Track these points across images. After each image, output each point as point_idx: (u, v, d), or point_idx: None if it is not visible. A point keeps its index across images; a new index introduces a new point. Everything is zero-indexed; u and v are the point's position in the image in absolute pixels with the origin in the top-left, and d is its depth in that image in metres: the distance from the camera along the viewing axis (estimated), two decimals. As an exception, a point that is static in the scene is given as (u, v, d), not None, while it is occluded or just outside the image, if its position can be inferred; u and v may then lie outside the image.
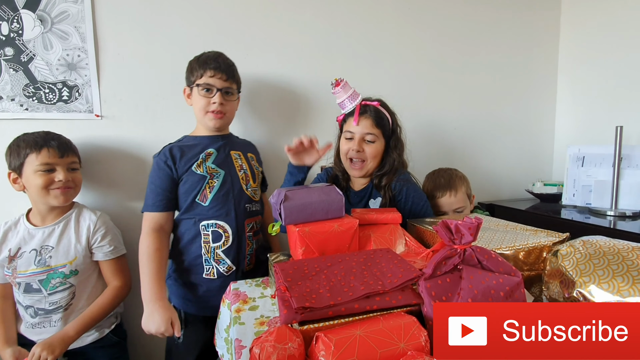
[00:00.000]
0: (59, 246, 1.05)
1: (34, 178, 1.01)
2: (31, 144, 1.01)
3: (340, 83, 1.09)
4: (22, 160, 1.01)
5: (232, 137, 1.22)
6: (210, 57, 1.11)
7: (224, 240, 1.09)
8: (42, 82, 1.16)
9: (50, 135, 1.06)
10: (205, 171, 1.09)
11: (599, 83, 1.65)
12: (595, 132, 1.67)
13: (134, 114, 1.26)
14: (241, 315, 0.76)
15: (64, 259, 1.05)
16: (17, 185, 1.04)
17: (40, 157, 1.01)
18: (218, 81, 1.09)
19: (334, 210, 0.84)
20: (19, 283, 1.03)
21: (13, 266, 1.02)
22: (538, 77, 1.81)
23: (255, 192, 1.17)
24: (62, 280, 1.05)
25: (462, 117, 1.69)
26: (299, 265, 0.68)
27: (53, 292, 1.04)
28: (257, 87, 1.35)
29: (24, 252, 1.03)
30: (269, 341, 0.51)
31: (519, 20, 1.74)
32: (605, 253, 0.63)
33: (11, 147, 1.04)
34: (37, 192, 1.01)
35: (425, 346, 0.53)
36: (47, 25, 1.16)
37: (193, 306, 1.09)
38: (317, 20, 1.43)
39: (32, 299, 1.03)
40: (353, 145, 1.09)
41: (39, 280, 1.02)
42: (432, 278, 0.59)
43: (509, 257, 0.73)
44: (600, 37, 1.64)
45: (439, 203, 1.26)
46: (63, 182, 1.03)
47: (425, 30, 1.59)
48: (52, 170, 1.03)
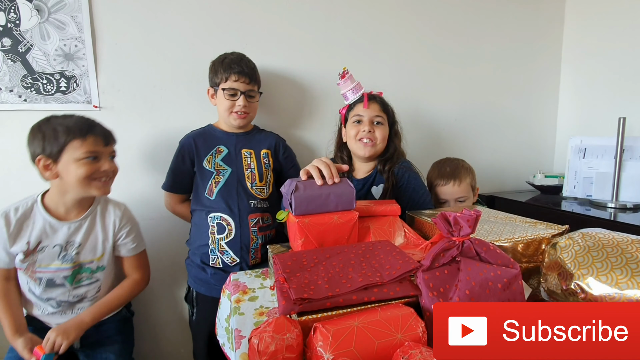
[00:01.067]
0: (86, 243, 1.00)
1: (76, 167, 0.93)
2: (74, 129, 0.93)
3: (347, 74, 1.14)
4: (61, 146, 0.92)
5: (251, 133, 1.24)
6: (234, 60, 1.15)
7: (227, 232, 1.14)
8: (40, 72, 1.16)
9: (91, 121, 0.98)
10: (213, 167, 1.16)
11: (603, 74, 1.63)
12: (597, 123, 1.66)
13: (132, 105, 1.25)
14: (241, 305, 0.77)
15: (91, 255, 1.01)
16: (49, 173, 0.94)
17: (87, 145, 0.94)
18: (242, 85, 1.14)
19: (344, 202, 0.83)
20: (39, 278, 0.98)
21: (31, 260, 0.96)
22: (541, 68, 1.79)
23: (261, 190, 1.19)
24: (88, 275, 1.02)
25: (464, 108, 1.68)
26: (298, 257, 0.69)
27: (78, 287, 1.01)
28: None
29: (45, 246, 0.96)
30: (267, 332, 0.51)
31: (523, 11, 1.71)
32: (604, 245, 0.63)
33: (43, 130, 0.93)
34: (77, 182, 0.94)
35: (422, 337, 0.53)
36: (44, 15, 1.14)
37: (203, 287, 1.17)
38: (316, 10, 1.41)
39: (55, 293, 0.99)
40: (364, 127, 1.13)
41: (63, 276, 0.99)
42: (430, 270, 0.59)
43: (508, 249, 0.73)
44: (604, 28, 1.61)
45: (441, 191, 1.27)
46: (108, 172, 0.98)
47: (427, 22, 1.57)
48: (95, 159, 0.96)
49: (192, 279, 1.19)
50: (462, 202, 1.25)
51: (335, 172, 0.83)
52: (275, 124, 1.39)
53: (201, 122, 1.25)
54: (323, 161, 0.85)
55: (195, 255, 1.18)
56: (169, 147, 1.22)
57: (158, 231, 1.29)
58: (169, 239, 1.31)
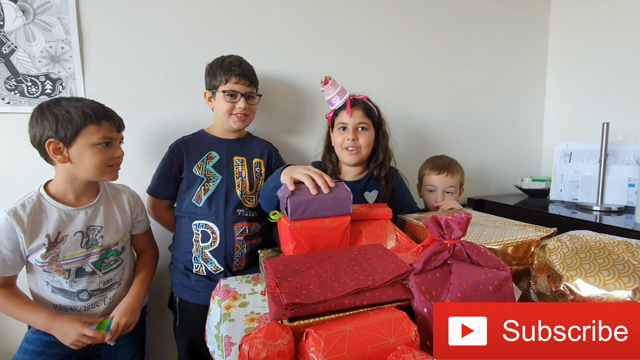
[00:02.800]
0: (108, 225, 1.00)
1: (91, 152, 0.92)
2: (89, 114, 0.91)
3: (329, 81, 1.14)
4: (77, 130, 0.90)
5: (244, 140, 1.22)
6: (234, 63, 1.13)
7: (212, 240, 1.12)
8: (24, 74, 1.13)
9: (103, 106, 0.97)
10: (203, 173, 1.13)
11: (587, 80, 1.67)
12: (583, 128, 1.70)
13: (120, 108, 1.21)
14: (231, 312, 0.76)
15: (114, 237, 1.01)
16: (60, 157, 0.90)
17: (102, 130, 0.93)
18: (242, 87, 1.12)
19: (341, 207, 0.82)
20: (67, 270, 0.94)
21: (54, 253, 0.92)
22: (527, 73, 1.82)
23: (250, 199, 1.17)
24: (115, 258, 1.02)
25: (452, 112, 1.70)
26: (290, 261, 0.68)
27: (108, 271, 1.00)
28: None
29: (65, 235, 0.93)
30: (258, 338, 0.50)
31: (509, 16, 1.75)
32: (592, 247, 0.64)
33: (55, 112, 0.90)
34: (92, 167, 0.93)
35: (415, 341, 0.53)
36: (29, 17, 1.12)
37: (187, 293, 1.14)
38: (307, 14, 1.41)
39: (85, 283, 0.97)
40: (348, 135, 1.13)
41: (91, 262, 0.97)
42: (422, 273, 0.59)
43: (498, 251, 0.74)
44: (589, 33, 1.66)
45: (433, 179, 1.32)
46: (120, 158, 0.99)
47: (416, 27, 1.59)
48: (108, 144, 0.95)
49: (176, 285, 1.16)
50: (449, 194, 1.30)
51: (329, 178, 0.82)
52: (264, 129, 1.39)
53: (191, 125, 1.23)
54: (314, 171, 0.84)
55: (178, 262, 1.16)
56: (158, 151, 1.20)
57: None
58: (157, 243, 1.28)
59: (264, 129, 1.38)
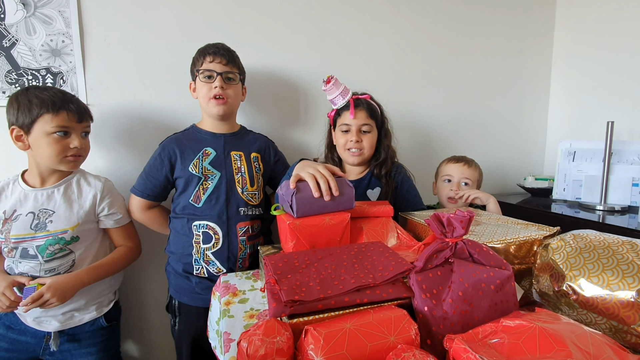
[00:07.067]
0: (59, 211, 0.98)
1: (46, 140, 0.93)
2: (47, 103, 0.92)
3: (332, 80, 1.10)
4: (33, 118, 0.92)
5: (239, 134, 1.19)
6: (210, 44, 1.11)
7: (214, 242, 1.08)
8: (25, 68, 1.12)
9: (67, 96, 0.97)
10: (200, 172, 1.08)
11: (592, 79, 1.66)
12: (586, 127, 1.68)
13: (121, 103, 1.22)
14: (230, 308, 0.75)
15: (65, 224, 0.98)
16: (21, 144, 0.95)
17: (57, 119, 0.93)
18: (218, 65, 1.08)
19: (345, 202, 0.82)
20: (14, 248, 0.95)
21: (7, 229, 0.95)
22: (531, 72, 1.81)
23: (253, 195, 1.13)
24: (61, 247, 0.98)
25: (456, 111, 1.69)
26: (289, 258, 0.67)
27: (50, 259, 0.97)
28: (248, 78, 1.33)
29: (19, 214, 0.95)
30: (257, 335, 0.50)
31: (514, 15, 1.73)
32: (596, 247, 0.63)
33: (19, 100, 0.93)
34: (47, 155, 0.94)
35: (415, 339, 0.52)
36: (30, 10, 1.11)
37: (186, 296, 1.11)
38: (310, 11, 1.40)
39: (28, 266, 0.96)
40: (351, 137, 1.11)
41: (36, 246, 0.96)
42: (423, 271, 0.59)
43: (500, 250, 0.73)
44: (594, 33, 1.64)
45: (450, 168, 1.30)
46: (78, 148, 0.97)
47: (420, 27, 1.57)
48: (66, 134, 0.95)
49: (174, 288, 1.13)
50: (465, 186, 1.27)
51: (334, 185, 0.80)
52: (266, 125, 1.38)
53: (193, 119, 1.22)
54: (321, 173, 0.81)
55: (177, 264, 1.11)
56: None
57: (141, 232, 1.23)
58: (149, 242, 1.26)
59: (266, 125, 1.38)
